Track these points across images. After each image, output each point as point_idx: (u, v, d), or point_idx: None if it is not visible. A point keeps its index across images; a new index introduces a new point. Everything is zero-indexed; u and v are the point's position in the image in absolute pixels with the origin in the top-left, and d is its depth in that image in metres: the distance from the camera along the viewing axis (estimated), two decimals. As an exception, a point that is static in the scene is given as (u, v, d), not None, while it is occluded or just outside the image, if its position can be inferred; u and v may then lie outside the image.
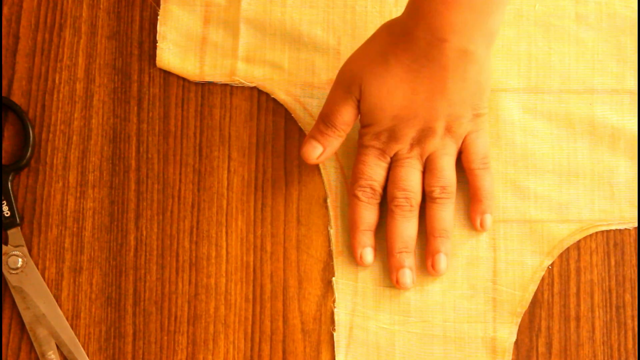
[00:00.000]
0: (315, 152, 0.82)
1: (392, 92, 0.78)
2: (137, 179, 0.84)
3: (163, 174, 0.84)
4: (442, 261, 0.81)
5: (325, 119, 0.81)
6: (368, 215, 0.82)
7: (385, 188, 0.83)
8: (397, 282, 0.81)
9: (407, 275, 0.81)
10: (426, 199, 0.82)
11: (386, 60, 0.78)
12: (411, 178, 0.81)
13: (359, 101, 0.80)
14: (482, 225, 0.83)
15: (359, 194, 0.82)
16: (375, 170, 0.82)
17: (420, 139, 0.80)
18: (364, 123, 0.81)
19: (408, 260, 0.82)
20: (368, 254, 0.82)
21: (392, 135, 0.80)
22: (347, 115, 0.81)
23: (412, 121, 0.79)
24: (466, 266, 0.83)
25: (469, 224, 0.84)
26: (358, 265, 0.83)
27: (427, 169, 0.82)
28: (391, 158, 0.82)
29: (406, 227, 0.81)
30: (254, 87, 0.86)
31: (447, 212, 0.82)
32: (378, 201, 0.83)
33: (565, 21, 0.87)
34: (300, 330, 0.82)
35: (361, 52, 0.81)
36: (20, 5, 0.87)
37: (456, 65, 0.76)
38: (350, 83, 0.80)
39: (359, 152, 0.82)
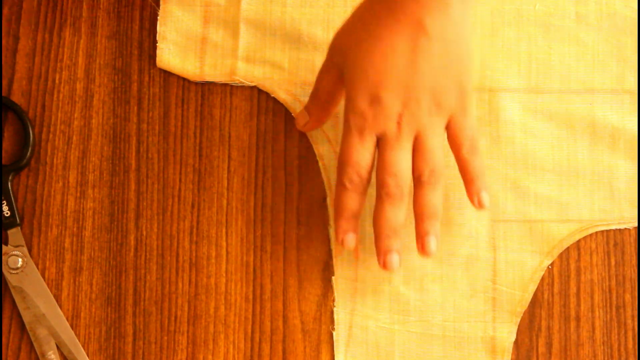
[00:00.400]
0: (302, 119, 0.83)
1: (371, 50, 0.76)
2: (137, 179, 0.84)
3: (163, 174, 0.84)
4: (432, 242, 0.79)
5: (312, 90, 0.82)
6: (353, 203, 0.79)
7: (372, 172, 0.80)
8: (385, 265, 0.79)
9: (395, 259, 0.78)
10: (414, 182, 0.79)
11: (364, 22, 0.77)
12: (402, 162, 0.78)
13: (343, 72, 0.79)
14: (479, 203, 0.80)
15: (346, 181, 0.78)
16: (362, 155, 0.78)
17: (407, 116, 0.77)
18: (348, 95, 0.78)
19: (396, 244, 0.79)
20: (351, 239, 0.80)
21: (378, 110, 0.77)
22: (327, 83, 0.80)
23: (396, 90, 0.76)
24: (466, 266, 0.83)
25: (469, 223, 0.84)
26: (358, 265, 0.83)
27: (415, 150, 0.78)
28: (378, 138, 0.79)
29: (396, 214, 0.78)
30: (254, 87, 0.86)
31: (437, 195, 0.79)
32: (366, 187, 0.79)
33: (565, 21, 0.87)
34: (300, 330, 0.82)
35: (343, 24, 0.80)
36: (20, 5, 0.87)
37: (433, 18, 0.75)
38: (333, 53, 0.80)
39: (344, 133, 0.79)
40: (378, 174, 0.78)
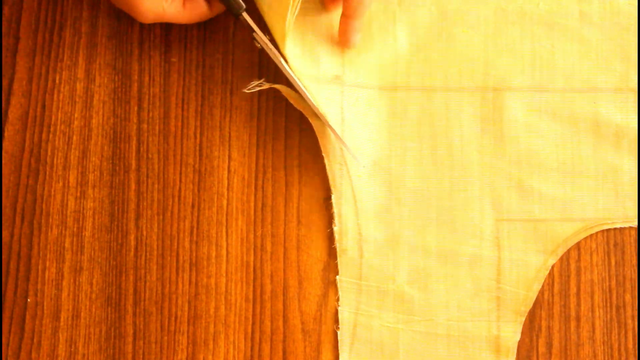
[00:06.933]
0: None
1: None
2: (137, 179, 0.85)
3: (163, 174, 0.85)
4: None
5: None
6: None
7: None
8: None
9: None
10: None
11: None
12: None
13: None
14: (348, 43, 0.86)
15: None
16: None
17: None
18: None
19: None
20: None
21: None
22: None
23: None
24: (470, 265, 0.83)
25: (473, 222, 0.84)
26: (362, 264, 0.83)
27: None
28: None
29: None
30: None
31: None
32: None
33: (569, 20, 0.87)
34: (300, 330, 0.82)
35: None
36: (21, 5, 0.87)
37: None
38: None
39: None
40: None
